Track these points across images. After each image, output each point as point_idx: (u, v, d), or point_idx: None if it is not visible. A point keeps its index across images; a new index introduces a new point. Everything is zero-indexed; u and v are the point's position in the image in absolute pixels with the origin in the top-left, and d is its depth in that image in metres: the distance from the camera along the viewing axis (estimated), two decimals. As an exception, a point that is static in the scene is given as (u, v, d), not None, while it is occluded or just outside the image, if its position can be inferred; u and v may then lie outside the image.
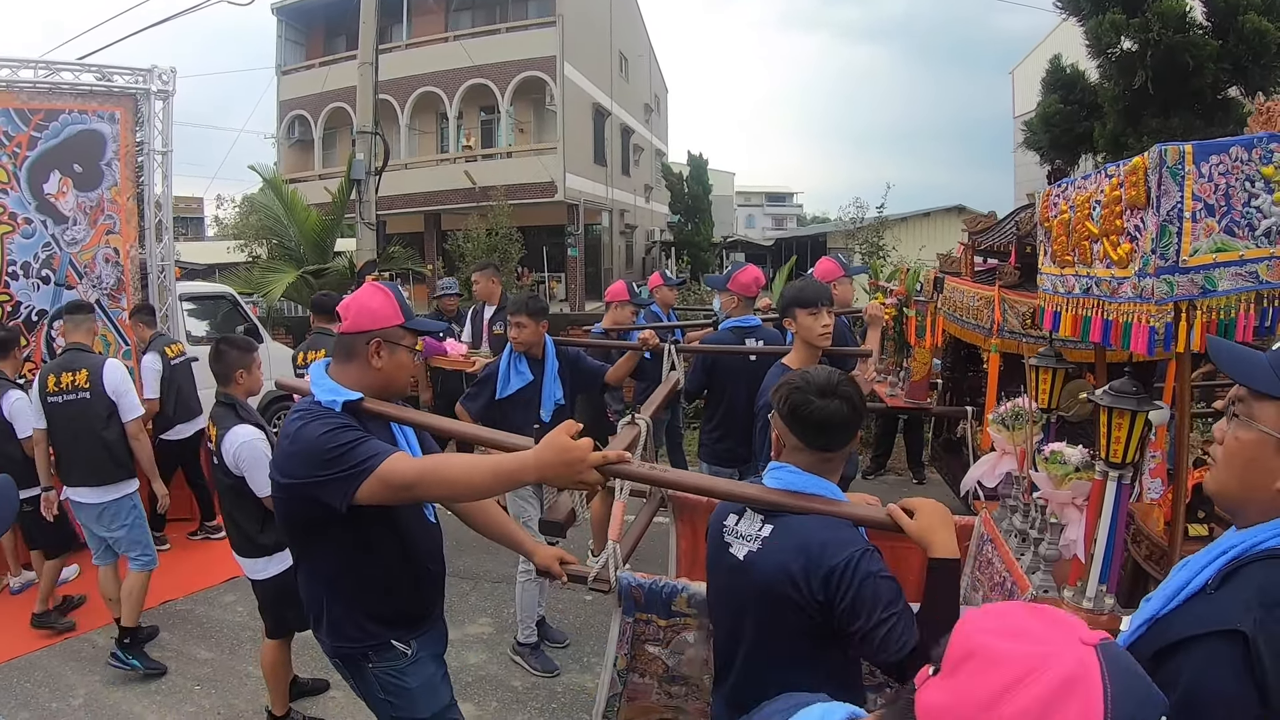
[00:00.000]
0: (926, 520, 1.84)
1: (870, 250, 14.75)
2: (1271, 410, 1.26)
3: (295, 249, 12.38)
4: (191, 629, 5.05)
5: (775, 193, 70.32)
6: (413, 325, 2.33)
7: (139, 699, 4.26)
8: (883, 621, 1.78)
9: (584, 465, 1.82)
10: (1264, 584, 1.19)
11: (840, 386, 1.95)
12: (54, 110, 7.29)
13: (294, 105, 26.86)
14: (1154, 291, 2.12)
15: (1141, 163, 2.14)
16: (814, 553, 1.85)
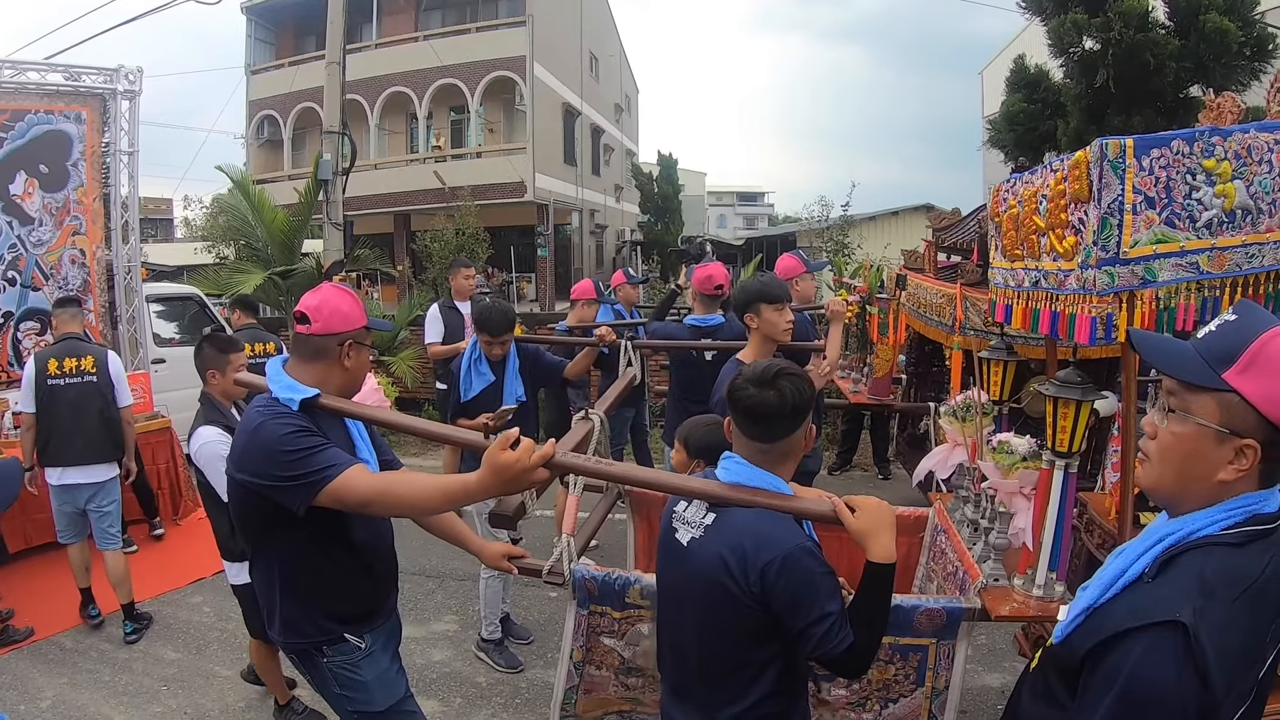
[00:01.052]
0: (868, 521, 1.85)
1: (836, 248, 14.83)
2: (1206, 401, 1.27)
3: (263, 250, 12.24)
4: (158, 630, 5.04)
5: (747, 192, 70.61)
6: (375, 326, 2.41)
7: (106, 700, 4.25)
8: (820, 619, 1.79)
9: (525, 473, 1.86)
10: (1202, 572, 1.21)
11: (778, 377, 1.93)
12: (20, 110, 7.26)
13: (263, 105, 26.60)
14: (1095, 283, 2.15)
15: (1084, 156, 2.17)
16: (751, 546, 1.84)
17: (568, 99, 27.46)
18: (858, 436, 7.73)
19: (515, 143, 24.80)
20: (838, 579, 1.89)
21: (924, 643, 2.48)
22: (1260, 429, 1.23)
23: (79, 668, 4.60)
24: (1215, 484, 1.26)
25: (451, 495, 2.04)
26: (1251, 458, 1.24)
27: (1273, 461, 1.25)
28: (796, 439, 1.99)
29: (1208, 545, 1.24)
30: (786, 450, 1.99)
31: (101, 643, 4.89)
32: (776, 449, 1.97)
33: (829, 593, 1.82)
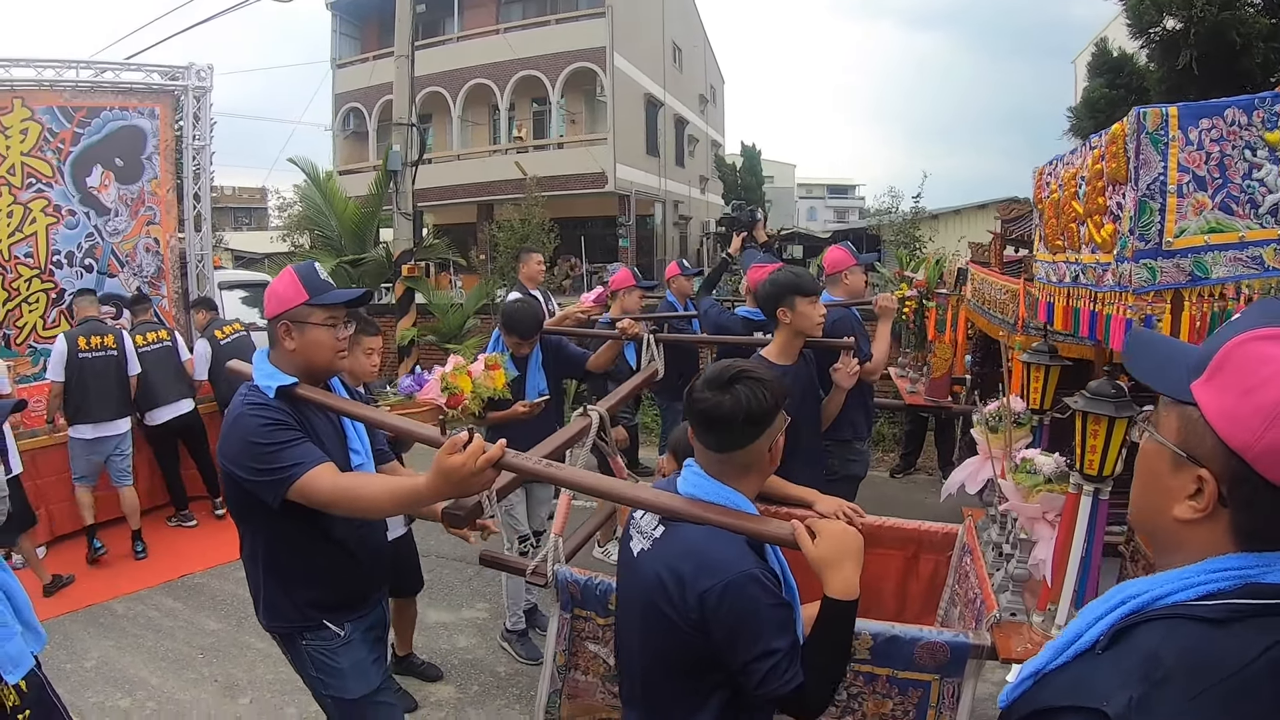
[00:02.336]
0: (828, 549, 1.62)
1: (906, 241, 14.24)
2: (1172, 415, 1.00)
3: (335, 239, 12.53)
4: (204, 601, 5.25)
5: (837, 185, 69.31)
6: (319, 300, 2.27)
7: (145, 664, 4.45)
8: (764, 655, 1.58)
9: (472, 475, 1.81)
10: (1156, 652, 0.91)
11: (735, 381, 1.72)
12: (96, 107, 7.57)
13: (348, 98, 27.28)
14: (1132, 278, 1.83)
15: (1120, 129, 1.85)
16: (690, 570, 1.65)
17: (649, 89, 27.29)
18: (922, 438, 7.33)
19: (596, 133, 24.79)
20: (789, 609, 1.67)
21: (926, 678, 2.20)
22: (1217, 457, 0.93)
23: (126, 632, 4.83)
24: (1173, 523, 0.99)
25: (400, 499, 2.04)
26: (1209, 495, 0.94)
27: (1248, 510, 0.93)
28: (757, 450, 1.76)
29: (1175, 616, 0.94)
30: (746, 462, 1.77)
31: (150, 611, 5.12)
32: (734, 460, 1.76)
33: (776, 627, 1.60)
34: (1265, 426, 0.89)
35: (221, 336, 6.66)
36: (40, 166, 7.25)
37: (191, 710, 4.02)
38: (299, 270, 2.31)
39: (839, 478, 4.04)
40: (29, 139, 7.19)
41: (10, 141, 7.11)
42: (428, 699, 3.96)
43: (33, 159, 7.22)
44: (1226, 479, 0.93)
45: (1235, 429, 0.92)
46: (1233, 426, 0.92)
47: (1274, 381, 0.90)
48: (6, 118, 7.10)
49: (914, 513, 3.42)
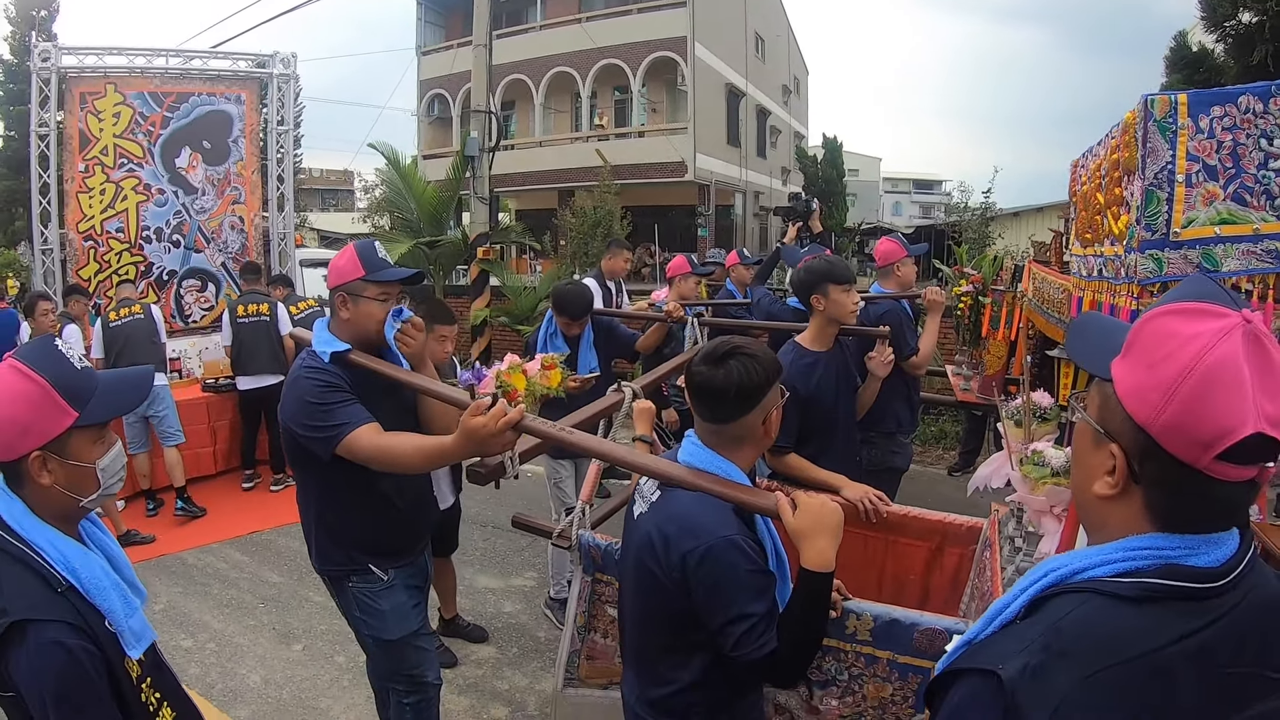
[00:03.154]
0: (805, 521, 1.70)
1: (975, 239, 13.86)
2: (1095, 394, 1.02)
3: (414, 222, 12.84)
4: (269, 556, 5.60)
5: (923, 179, 67.69)
6: (374, 277, 2.45)
7: (209, 610, 4.79)
8: (739, 619, 1.66)
9: (493, 436, 2.01)
10: (1061, 623, 0.92)
11: (729, 356, 1.79)
12: (185, 93, 8.05)
13: (433, 84, 27.78)
14: (1137, 269, 1.81)
15: (1132, 118, 1.83)
16: (674, 532, 1.75)
17: (731, 80, 27.09)
18: (981, 436, 7.16)
19: (677, 123, 24.73)
20: (770, 578, 1.74)
21: (926, 665, 2.19)
22: (1126, 432, 0.95)
23: (194, 580, 5.20)
24: (1095, 500, 1.00)
25: (430, 456, 2.25)
26: (1119, 470, 0.96)
27: (1159, 488, 0.94)
28: (749, 423, 1.83)
29: (1087, 590, 0.94)
30: (739, 434, 1.85)
31: (218, 563, 5.48)
32: (727, 431, 1.84)
33: (753, 592, 1.68)
34: (1165, 401, 0.90)
35: (295, 312, 6.94)
36: (131, 148, 7.73)
37: (248, 653, 4.28)
38: (359, 247, 2.51)
39: (882, 469, 4.03)
40: (121, 122, 7.68)
41: (104, 124, 7.61)
42: (469, 658, 4.14)
43: (125, 141, 7.70)
44: (1136, 454, 0.95)
45: (1139, 404, 0.93)
46: (1138, 402, 0.93)
47: (1176, 356, 0.90)
48: (100, 102, 7.59)
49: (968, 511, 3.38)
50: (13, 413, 1.47)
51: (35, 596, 1.42)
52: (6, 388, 1.48)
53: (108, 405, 1.57)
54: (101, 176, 7.60)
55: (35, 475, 1.48)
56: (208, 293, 8.31)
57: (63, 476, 1.51)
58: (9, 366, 1.49)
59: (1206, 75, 9.05)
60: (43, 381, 1.48)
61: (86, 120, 7.53)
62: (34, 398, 1.47)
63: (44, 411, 1.48)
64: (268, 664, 4.16)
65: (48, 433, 1.48)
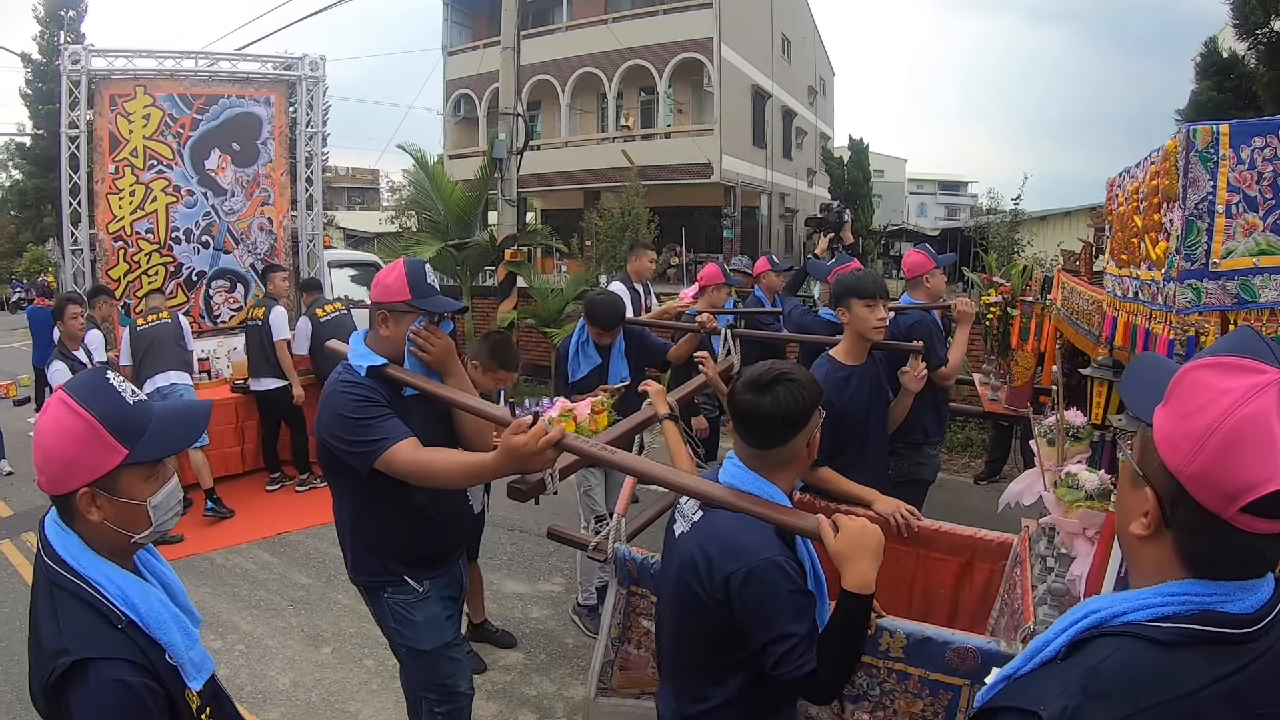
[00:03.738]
0: (845, 543, 1.71)
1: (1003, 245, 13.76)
2: (1139, 436, 1.06)
3: (441, 223, 12.89)
4: (297, 557, 5.65)
5: (949, 181, 67.21)
6: (420, 304, 2.45)
7: (238, 610, 4.85)
8: (780, 638, 1.69)
9: (533, 455, 2.02)
10: (1100, 666, 0.96)
11: (775, 383, 1.82)
12: (214, 95, 8.10)
13: (459, 84, 27.96)
14: (1176, 298, 1.82)
15: (1173, 146, 1.84)
16: (718, 553, 1.78)
17: (757, 81, 27.07)
18: (1008, 446, 7.15)
19: (703, 124, 24.75)
20: (810, 598, 1.78)
21: (956, 682, 2.22)
22: (1160, 477, 0.98)
23: (222, 581, 5.25)
24: (1132, 538, 1.04)
25: (470, 472, 2.27)
26: (1152, 514, 0.99)
27: (1189, 534, 0.97)
28: (794, 448, 1.87)
29: (1126, 634, 0.97)
30: (783, 458, 1.88)
31: (247, 563, 5.54)
32: (772, 456, 1.88)
33: (794, 613, 1.71)
34: (1195, 450, 0.94)
35: (321, 315, 6.93)
36: (161, 149, 7.80)
37: (277, 655, 4.33)
38: (409, 267, 2.49)
39: (908, 480, 4.04)
40: (151, 124, 7.75)
41: (133, 126, 7.67)
42: (497, 663, 4.17)
43: (154, 142, 7.77)
44: (1168, 499, 0.98)
45: (1172, 452, 0.96)
46: (1171, 449, 0.97)
47: (1208, 408, 0.94)
48: (130, 104, 7.66)
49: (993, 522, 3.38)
50: (60, 449, 1.44)
51: (95, 634, 1.39)
52: (54, 422, 1.45)
53: (161, 442, 1.52)
54: (131, 178, 7.68)
55: (84, 511, 1.45)
56: (236, 293, 8.37)
57: (112, 513, 1.46)
58: (58, 400, 1.46)
59: (1237, 82, 8.96)
60: (90, 418, 1.44)
61: (116, 122, 7.60)
62: (80, 434, 1.43)
63: (91, 448, 1.44)
64: (297, 666, 4.21)
65: (95, 469, 1.44)
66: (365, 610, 4.47)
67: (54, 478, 1.45)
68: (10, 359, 15.72)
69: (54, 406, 1.46)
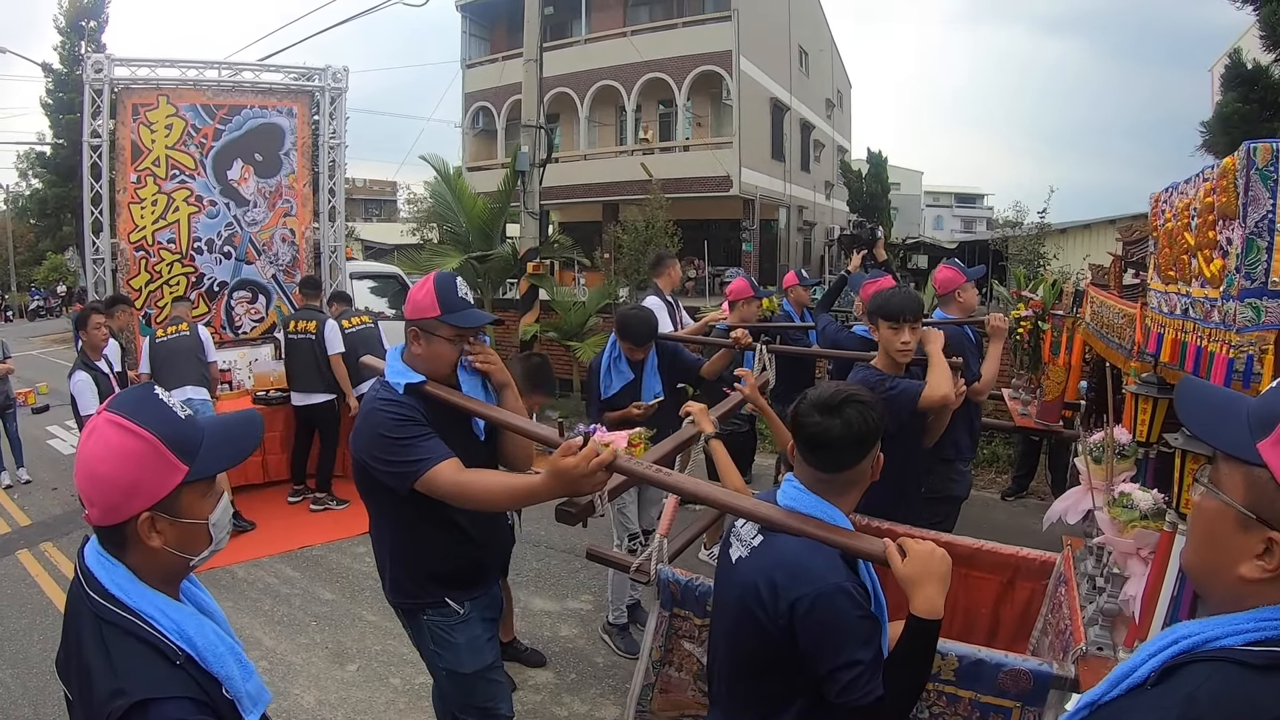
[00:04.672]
0: (914, 568, 1.67)
1: (1030, 258, 13.69)
2: (1235, 474, 1.01)
3: (463, 235, 12.92)
4: (320, 572, 5.61)
5: (965, 193, 67.05)
6: (451, 319, 2.40)
7: (261, 626, 4.80)
8: (847, 665, 1.65)
9: (584, 478, 1.96)
10: (1196, 692, 0.95)
11: (845, 404, 1.78)
12: (237, 105, 8.13)
13: (478, 97, 28.11)
14: (1236, 317, 1.80)
15: (1231, 164, 1.83)
16: (784, 578, 1.73)
17: (775, 94, 27.10)
18: (1035, 461, 7.09)
19: (722, 137, 24.77)
20: (877, 623, 1.73)
21: (1007, 704, 2.20)
22: None
23: (245, 595, 5.21)
24: (1236, 580, 1.00)
25: (517, 495, 2.22)
26: (1277, 558, 0.95)
27: None
28: (861, 470, 1.84)
29: (1220, 659, 0.96)
30: (850, 480, 1.85)
31: (269, 577, 5.51)
32: (838, 480, 1.84)
33: (861, 639, 1.67)
34: None
35: (348, 326, 6.89)
36: (184, 159, 7.83)
37: (301, 673, 4.29)
38: (439, 282, 2.45)
39: (941, 497, 4.01)
40: (173, 134, 7.79)
41: (156, 135, 7.72)
42: (526, 682, 4.11)
43: (177, 152, 7.80)
44: None
45: None
46: None
47: None
48: (153, 114, 7.70)
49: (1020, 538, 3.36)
50: (119, 473, 1.33)
51: (153, 672, 1.31)
52: (108, 445, 1.34)
53: (218, 456, 1.44)
54: (153, 187, 7.72)
55: (145, 538, 1.35)
56: (258, 304, 8.40)
57: (173, 536, 1.38)
58: (109, 421, 1.35)
59: (1263, 93, 8.89)
60: (151, 436, 1.35)
61: (139, 131, 7.63)
62: (143, 455, 1.34)
63: (154, 469, 1.35)
64: (322, 684, 4.17)
65: (158, 492, 1.35)
66: (390, 627, 4.53)
67: (111, 506, 1.35)
68: (29, 366, 15.62)
69: (104, 428, 1.35)
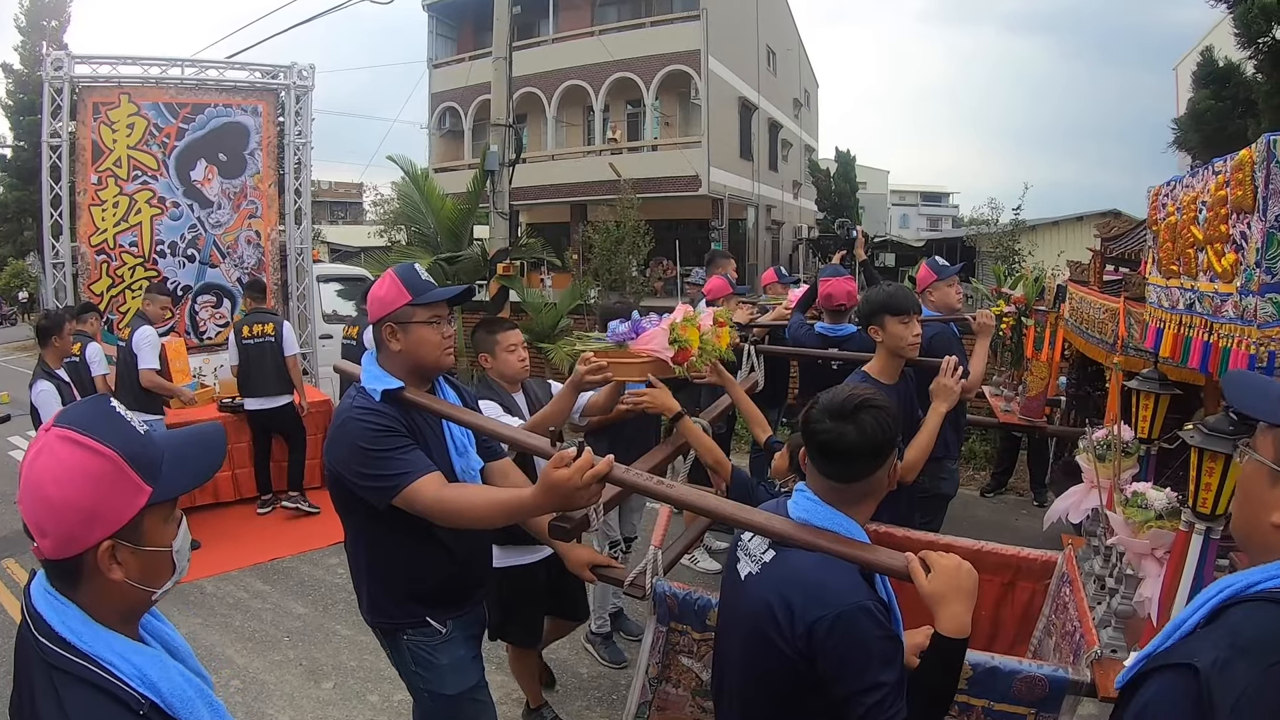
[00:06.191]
0: (941, 584, 1.58)
1: (1005, 255, 13.83)
2: (1269, 439, 1.19)
3: (432, 236, 12.82)
4: (292, 585, 5.42)
5: (930, 192, 67.77)
6: (422, 300, 2.28)
7: (232, 643, 4.62)
8: (871, 688, 1.54)
9: (578, 490, 1.82)
10: (1241, 625, 1.10)
11: (859, 410, 1.68)
12: (200, 104, 7.89)
13: (445, 97, 27.78)
14: (1256, 312, 1.77)
15: (1248, 156, 1.79)
16: (800, 599, 1.63)
17: (744, 93, 27.12)
18: (1014, 457, 7.11)
19: (690, 136, 24.71)
20: (900, 643, 1.64)
21: (1021, 711, 2.15)
22: None
23: (214, 611, 5.03)
24: (1270, 529, 1.16)
25: (508, 511, 2.09)
26: None
27: None
28: (878, 479, 1.74)
29: (1259, 600, 1.11)
30: (865, 490, 1.74)
31: (239, 591, 5.32)
32: (853, 490, 1.73)
33: (884, 660, 1.57)
34: None
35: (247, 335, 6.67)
36: (146, 160, 7.59)
37: (275, 691, 4.14)
38: (400, 272, 2.33)
39: (929, 495, 3.98)
40: (135, 133, 7.54)
41: (117, 135, 7.46)
42: (509, 696, 3.97)
43: (139, 152, 7.56)
44: None
45: None
46: None
47: None
48: (114, 112, 7.45)
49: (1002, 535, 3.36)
50: (77, 496, 1.16)
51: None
52: (63, 465, 1.16)
53: (183, 474, 1.28)
54: (115, 189, 7.47)
55: (104, 570, 1.19)
56: (223, 309, 8.17)
57: (136, 568, 1.22)
58: (62, 438, 1.18)
59: (1235, 90, 9.04)
60: (112, 454, 1.18)
61: (99, 131, 7.39)
62: (103, 476, 1.17)
63: (116, 491, 1.18)
64: (297, 704, 4.02)
65: (120, 517, 1.19)
66: (366, 641, 4.37)
67: (67, 535, 1.17)
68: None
69: (57, 446, 1.18)
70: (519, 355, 3.39)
